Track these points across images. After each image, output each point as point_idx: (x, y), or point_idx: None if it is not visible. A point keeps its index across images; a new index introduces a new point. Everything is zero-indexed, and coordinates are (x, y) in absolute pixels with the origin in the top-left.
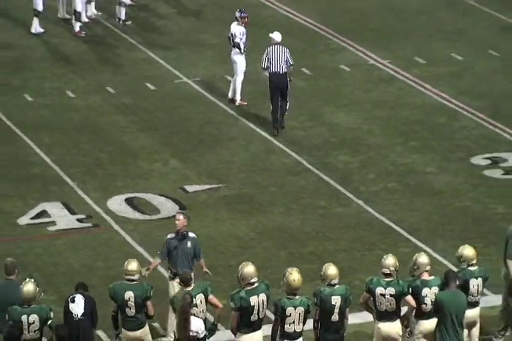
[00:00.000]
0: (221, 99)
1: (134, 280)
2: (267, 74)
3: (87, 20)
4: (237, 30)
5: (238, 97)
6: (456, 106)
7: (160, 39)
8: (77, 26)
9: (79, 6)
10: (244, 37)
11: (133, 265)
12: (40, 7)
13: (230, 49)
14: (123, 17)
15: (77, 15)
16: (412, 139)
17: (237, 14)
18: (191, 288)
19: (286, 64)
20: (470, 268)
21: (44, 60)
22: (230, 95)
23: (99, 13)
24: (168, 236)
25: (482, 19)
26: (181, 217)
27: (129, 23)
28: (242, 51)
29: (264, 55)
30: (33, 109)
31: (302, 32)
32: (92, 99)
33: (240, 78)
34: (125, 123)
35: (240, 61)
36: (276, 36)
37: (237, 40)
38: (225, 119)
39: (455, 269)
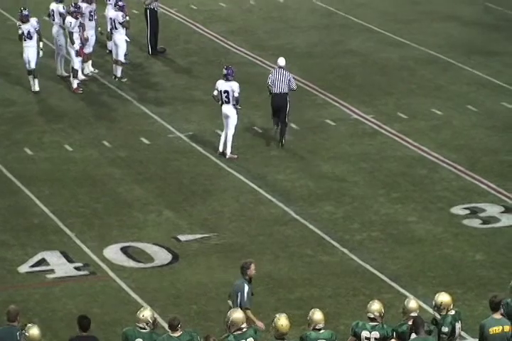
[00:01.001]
0: (212, 153)
1: (144, 328)
2: (269, 93)
3: (84, 77)
4: (231, 86)
5: (229, 150)
6: (436, 158)
7: (154, 95)
8: (74, 83)
9: (76, 64)
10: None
11: (143, 313)
12: (32, 65)
13: (221, 104)
14: (119, 74)
15: (75, 73)
16: (394, 190)
17: (224, 71)
18: (179, 334)
19: (288, 86)
20: (450, 312)
21: (43, 115)
22: (220, 149)
23: (96, 71)
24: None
25: (461, 75)
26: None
27: (124, 80)
28: (239, 106)
29: (269, 77)
30: (33, 162)
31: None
32: (88, 152)
33: (231, 132)
34: (120, 175)
35: (234, 115)
36: (281, 61)
37: (236, 94)
38: (216, 172)
39: (437, 315)
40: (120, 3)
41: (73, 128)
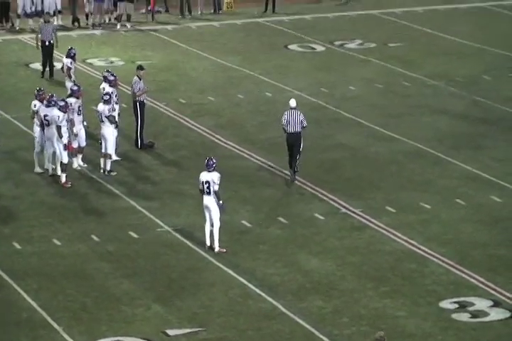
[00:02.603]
0: (201, 247)
1: None
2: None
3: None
4: (212, 176)
5: (217, 244)
6: (425, 252)
7: (143, 189)
8: (63, 177)
9: (65, 158)
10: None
11: None
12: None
13: (202, 195)
14: (108, 168)
15: (63, 167)
16: (383, 284)
17: (206, 162)
18: None
19: (301, 124)
20: None
21: (32, 209)
22: (207, 243)
23: (85, 165)
24: None
25: (449, 170)
26: None
27: (114, 173)
28: (220, 199)
29: (283, 118)
30: (21, 256)
31: (279, 182)
32: (77, 246)
33: (217, 225)
34: (109, 269)
35: (215, 207)
36: (292, 102)
37: (216, 187)
38: (205, 266)
39: None
40: (111, 78)
41: (62, 223)
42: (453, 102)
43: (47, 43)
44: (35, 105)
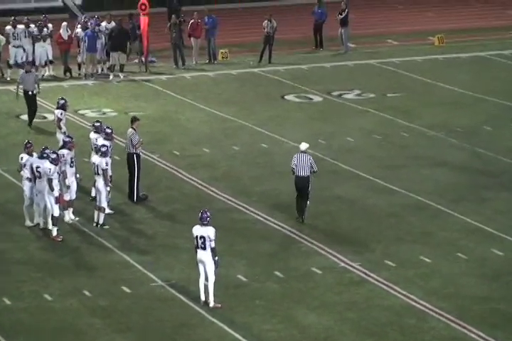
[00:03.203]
0: (195, 302)
1: None
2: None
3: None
4: (207, 231)
5: (212, 299)
6: (425, 307)
7: (136, 243)
8: (54, 231)
9: (56, 211)
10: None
11: None
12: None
13: (196, 249)
14: (101, 221)
15: (54, 220)
16: (382, 340)
17: (199, 215)
18: None
19: (310, 169)
20: None
21: (22, 263)
22: (202, 298)
23: (77, 218)
24: None
25: (450, 222)
26: None
27: (106, 227)
28: (216, 255)
29: (292, 161)
30: (11, 312)
31: (275, 236)
32: (68, 301)
33: (212, 280)
34: (101, 325)
35: (210, 262)
36: (303, 146)
37: (212, 244)
38: (199, 321)
39: None
40: (108, 131)
41: (53, 277)
42: (453, 153)
43: (30, 93)
44: (22, 158)
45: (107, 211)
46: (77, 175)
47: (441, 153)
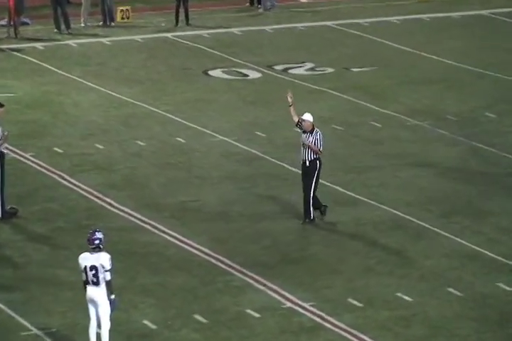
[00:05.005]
0: None
1: None
2: None
3: None
4: (100, 259)
5: None
6: None
7: (1, 276)
8: None
9: None
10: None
11: None
12: None
13: (85, 285)
14: None
15: None
16: None
17: (88, 236)
18: None
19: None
20: None
21: None
22: None
23: None
24: None
25: (438, 245)
26: None
27: None
28: (113, 292)
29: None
30: None
31: (195, 265)
32: None
33: (106, 327)
34: None
35: (104, 302)
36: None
37: (108, 276)
38: None
39: None
40: None
41: None
42: (442, 150)
43: None
44: None
45: None
46: None
47: (426, 149)
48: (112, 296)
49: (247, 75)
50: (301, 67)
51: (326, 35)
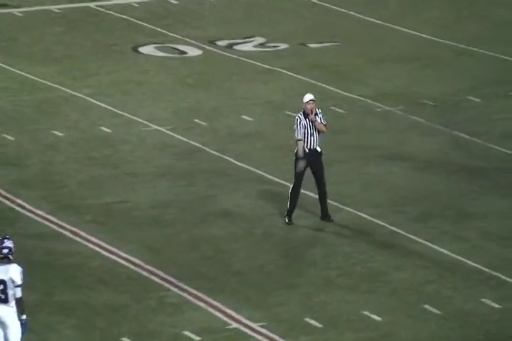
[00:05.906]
0: None
1: None
2: None
3: None
4: (9, 271)
5: None
6: None
7: None
8: None
9: None
10: None
11: None
12: None
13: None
14: None
15: None
16: None
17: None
18: None
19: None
20: None
21: None
22: None
23: None
24: None
25: (413, 254)
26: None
27: None
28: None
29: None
30: None
31: (124, 279)
32: None
33: None
34: None
35: (14, 322)
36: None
37: (18, 292)
38: None
39: None
40: None
41: None
42: (418, 141)
43: None
44: None
45: None
46: None
47: (398, 140)
48: (24, 316)
49: (185, 52)
50: (249, 42)
51: (278, 4)
